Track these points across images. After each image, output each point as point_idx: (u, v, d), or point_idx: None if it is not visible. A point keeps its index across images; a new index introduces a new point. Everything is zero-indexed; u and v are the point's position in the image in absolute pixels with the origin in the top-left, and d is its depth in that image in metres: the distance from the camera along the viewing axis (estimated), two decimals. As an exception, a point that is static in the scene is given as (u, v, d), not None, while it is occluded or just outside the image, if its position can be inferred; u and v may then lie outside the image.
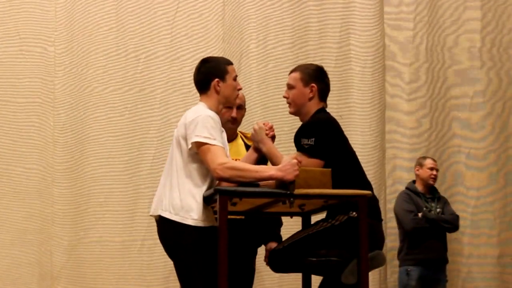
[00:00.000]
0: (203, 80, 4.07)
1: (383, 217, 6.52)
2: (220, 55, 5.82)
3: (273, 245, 4.78)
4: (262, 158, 4.31)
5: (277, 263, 4.16)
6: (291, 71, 4.36)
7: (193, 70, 4.15)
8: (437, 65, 6.97)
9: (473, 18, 7.03)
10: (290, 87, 4.30)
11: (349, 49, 6.69)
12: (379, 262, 4.17)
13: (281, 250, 4.13)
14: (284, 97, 4.34)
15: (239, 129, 4.95)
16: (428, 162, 6.60)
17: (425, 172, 6.59)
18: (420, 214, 6.42)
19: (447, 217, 6.49)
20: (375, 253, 4.10)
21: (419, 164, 6.62)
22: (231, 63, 4.13)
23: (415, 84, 6.92)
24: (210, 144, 3.83)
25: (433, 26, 6.98)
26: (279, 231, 5.00)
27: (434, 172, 6.58)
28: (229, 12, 6.57)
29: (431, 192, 6.63)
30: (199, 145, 3.85)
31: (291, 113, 4.35)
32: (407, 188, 6.61)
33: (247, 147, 4.75)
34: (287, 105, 4.35)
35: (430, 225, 6.41)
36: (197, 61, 4.15)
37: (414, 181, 6.65)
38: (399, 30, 6.93)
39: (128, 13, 6.48)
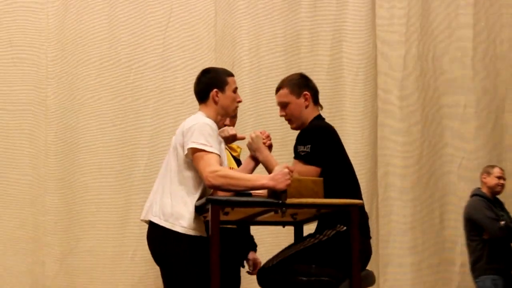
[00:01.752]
0: (202, 90, 4.11)
1: (374, 223, 6.57)
2: (213, 65, 5.82)
3: (252, 255, 4.94)
4: None
5: (267, 281, 4.13)
6: (277, 90, 4.33)
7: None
8: (429, 73, 6.98)
9: (465, 26, 7.04)
10: (283, 105, 4.28)
11: (341, 58, 6.70)
12: (369, 282, 4.15)
13: (270, 268, 4.10)
14: (281, 116, 4.32)
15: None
16: (496, 171, 6.56)
17: (492, 180, 6.52)
18: (502, 223, 6.33)
19: None
20: (365, 272, 4.09)
21: (486, 172, 6.57)
22: (232, 75, 4.16)
23: (407, 93, 6.92)
24: (206, 151, 3.83)
25: (424, 35, 6.99)
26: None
27: (502, 181, 6.54)
28: (221, 21, 6.57)
29: (497, 201, 6.57)
30: (194, 151, 3.86)
31: (293, 128, 4.33)
32: (477, 195, 6.52)
33: (236, 160, 4.80)
34: (287, 121, 4.32)
35: (509, 234, 6.36)
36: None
37: (479, 188, 6.57)
38: (390, 38, 6.94)
39: (120, 23, 6.47)
